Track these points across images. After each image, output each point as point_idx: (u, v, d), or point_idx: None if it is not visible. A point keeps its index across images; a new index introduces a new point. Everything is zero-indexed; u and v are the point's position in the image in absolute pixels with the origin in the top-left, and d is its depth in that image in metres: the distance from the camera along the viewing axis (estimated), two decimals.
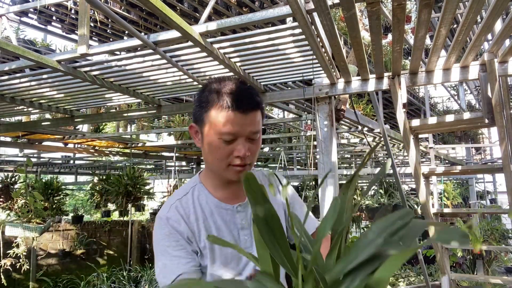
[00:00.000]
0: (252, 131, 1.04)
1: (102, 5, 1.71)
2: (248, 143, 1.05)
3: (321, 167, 2.69)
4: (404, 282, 7.08)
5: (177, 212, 1.11)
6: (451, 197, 6.95)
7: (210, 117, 1.02)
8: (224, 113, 1.00)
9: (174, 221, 1.10)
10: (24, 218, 4.24)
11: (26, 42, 3.94)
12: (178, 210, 1.12)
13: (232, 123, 1.00)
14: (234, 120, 1.00)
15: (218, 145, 1.03)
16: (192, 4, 3.56)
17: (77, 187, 13.13)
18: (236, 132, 1.01)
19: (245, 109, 1.01)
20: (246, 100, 1.03)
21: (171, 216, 1.11)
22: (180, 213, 1.11)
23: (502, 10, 1.63)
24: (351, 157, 8.77)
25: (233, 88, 1.03)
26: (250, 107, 1.02)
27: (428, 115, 5.90)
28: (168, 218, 1.10)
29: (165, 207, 1.15)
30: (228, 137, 1.01)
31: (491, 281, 4.78)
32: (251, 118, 1.03)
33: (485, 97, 2.33)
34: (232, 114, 1.00)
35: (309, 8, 1.70)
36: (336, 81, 2.68)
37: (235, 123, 1.00)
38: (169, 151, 7.07)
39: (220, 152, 1.04)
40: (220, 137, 1.01)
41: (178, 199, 1.15)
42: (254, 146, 1.07)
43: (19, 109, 3.64)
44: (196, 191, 1.17)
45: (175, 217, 1.10)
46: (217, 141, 1.02)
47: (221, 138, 1.01)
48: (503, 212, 3.55)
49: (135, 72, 2.63)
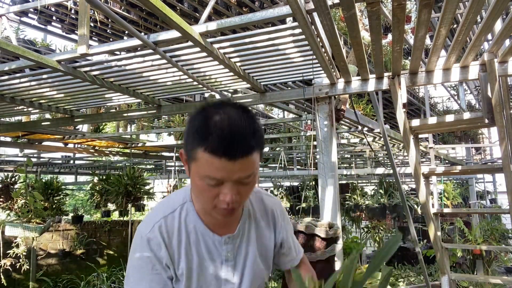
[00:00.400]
0: (242, 176, 0.92)
1: (102, 5, 1.71)
2: (238, 186, 0.94)
3: (321, 167, 2.69)
4: (404, 282, 7.08)
5: (159, 234, 1.05)
6: (451, 197, 6.96)
7: (197, 155, 0.90)
8: (209, 156, 0.87)
9: (154, 244, 1.04)
10: (24, 218, 4.24)
11: (26, 42, 3.93)
12: (161, 231, 1.05)
13: (217, 169, 0.88)
14: (219, 166, 0.88)
15: (203, 187, 0.94)
16: (192, 4, 3.56)
17: (77, 187, 13.13)
18: (222, 178, 0.90)
19: (234, 155, 0.87)
20: (236, 146, 0.88)
21: (153, 238, 1.04)
22: (163, 236, 1.05)
23: (502, 10, 1.63)
24: (351, 157, 8.78)
25: (226, 127, 0.88)
26: (240, 154, 0.88)
27: (428, 115, 5.90)
28: (149, 240, 1.04)
29: (149, 224, 1.07)
30: (213, 182, 0.91)
31: (491, 281, 4.78)
32: (241, 164, 0.89)
33: (485, 97, 2.33)
34: (217, 160, 0.87)
35: (309, 8, 1.70)
36: (336, 81, 2.68)
37: (221, 169, 0.88)
38: (169, 151, 7.08)
39: (205, 194, 0.95)
40: (204, 180, 0.92)
41: (164, 216, 1.08)
42: (245, 189, 0.97)
43: (19, 109, 3.64)
44: (184, 210, 1.09)
45: (156, 240, 1.04)
46: (202, 183, 0.93)
47: (204, 181, 0.92)
48: (503, 212, 3.55)
49: (135, 72, 2.63)
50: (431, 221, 2.97)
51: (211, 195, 0.95)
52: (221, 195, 0.94)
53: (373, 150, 6.00)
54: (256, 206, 1.18)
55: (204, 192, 0.95)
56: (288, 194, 6.05)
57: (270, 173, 8.65)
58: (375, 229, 6.26)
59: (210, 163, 0.88)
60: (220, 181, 0.91)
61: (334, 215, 2.64)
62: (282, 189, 6.29)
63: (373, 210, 5.79)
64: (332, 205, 2.64)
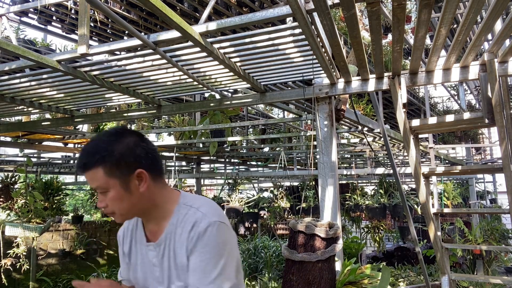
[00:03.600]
0: (93, 187, 1.18)
1: (102, 5, 1.71)
2: (101, 195, 1.18)
3: (321, 167, 2.69)
4: (404, 282, 7.08)
5: (124, 224, 1.35)
6: (451, 197, 6.95)
7: None
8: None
9: (121, 229, 1.35)
10: (24, 218, 4.24)
11: (26, 42, 3.93)
12: (125, 224, 1.36)
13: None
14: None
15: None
16: (192, 4, 3.56)
17: (77, 187, 13.12)
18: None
19: (77, 169, 1.19)
20: (79, 162, 1.18)
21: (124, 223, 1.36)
22: (124, 226, 1.34)
23: (502, 10, 1.64)
24: (351, 157, 8.77)
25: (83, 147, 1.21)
26: (80, 169, 1.17)
27: (428, 115, 5.90)
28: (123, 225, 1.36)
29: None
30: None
31: (491, 281, 4.78)
32: (88, 176, 1.16)
33: (485, 97, 2.33)
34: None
35: (309, 8, 1.70)
36: (336, 81, 2.68)
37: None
38: (169, 151, 7.07)
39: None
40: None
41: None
42: (108, 199, 1.17)
43: (19, 109, 3.63)
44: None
45: (124, 226, 1.35)
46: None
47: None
48: (503, 212, 3.55)
49: (135, 72, 2.63)
50: (431, 221, 2.97)
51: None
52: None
53: (373, 150, 6.00)
54: (181, 219, 1.23)
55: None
56: (288, 194, 6.05)
57: (270, 173, 8.65)
58: (375, 229, 6.26)
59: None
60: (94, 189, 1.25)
61: (334, 215, 2.64)
62: (282, 189, 6.29)
63: (373, 210, 5.78)
64: (332, 205, 2.64)
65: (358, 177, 7.45)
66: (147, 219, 1.29)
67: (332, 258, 2.00)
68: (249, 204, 5.96)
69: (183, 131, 5.48)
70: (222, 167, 9.32)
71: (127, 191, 1.17)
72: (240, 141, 6.60)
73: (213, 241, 1.15)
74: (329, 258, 1.95)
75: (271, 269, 8.20)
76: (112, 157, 1.15)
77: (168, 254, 1.21)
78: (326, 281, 1.90)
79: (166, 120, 7.26)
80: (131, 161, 1.17)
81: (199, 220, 1.17)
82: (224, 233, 1.18)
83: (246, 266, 8.69)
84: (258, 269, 8.73)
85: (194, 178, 8.06)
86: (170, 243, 1.22)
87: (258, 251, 9.30)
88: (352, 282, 2.21)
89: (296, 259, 1.93)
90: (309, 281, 1.89)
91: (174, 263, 1.20)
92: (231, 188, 6.52)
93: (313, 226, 1.98)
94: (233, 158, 7.73)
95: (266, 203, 5.92)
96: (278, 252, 8.93)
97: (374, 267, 2.44)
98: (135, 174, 1.17)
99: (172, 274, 1.21)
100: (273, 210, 5.74)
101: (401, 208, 5.62)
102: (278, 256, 8.76)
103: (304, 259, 1.91)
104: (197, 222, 1.17)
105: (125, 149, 1.17)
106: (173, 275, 1.21)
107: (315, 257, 1.90)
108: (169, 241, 1.22)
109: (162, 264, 1.23)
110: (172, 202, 1.26)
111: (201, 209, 1.21)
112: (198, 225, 1.16)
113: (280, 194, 5.83)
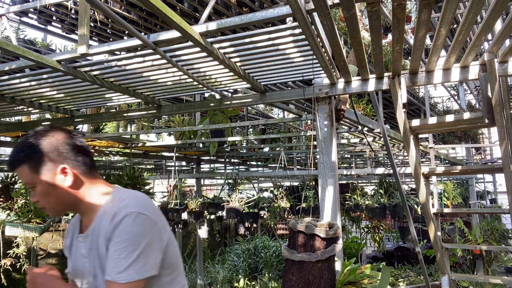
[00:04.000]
0: (23, 183, 1.30)
1: (102, 5, 1.71)
2: (32, 191, 1.27)
3: (321, 167, 2.69)
4: (404, 282, 7.08)
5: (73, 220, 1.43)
6: (451, 197, 6.95)
7: None
8: None
9: (69, 225, 1.44)
10: (24, 218, 4.24)
11: (26, 42, 3.93)
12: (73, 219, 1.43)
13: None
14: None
15: None
16: (192, 4, 3.56)
17: None
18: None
19: (8, 168, 1.37)
20: (7, 161, 1.30)
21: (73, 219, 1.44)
22: (72, 221, 1.42)
23: (502, 10, 1.64)
24: (351, 157, 8.77)
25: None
26: (9, 168, 1.28)
27: (428, 115, 5.90)
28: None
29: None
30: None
31: (491, 281, 4.78)
32: (17, 173, 1.26)
33: (485, 97, 2.33)
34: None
35: (309, 8, 1.70)
36: (336, 81, 2.68)
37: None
38: (169, 151, 7.07)
39: None
40: None
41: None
42: (38, 195, 1.25)
43: (19, 109, 3.63)
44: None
45: (71, 221, 1.43)
46: None
47: None
48: (503, 212, 3.55)
49: (135, 72, 2.63)
50: (431, 221, 2.97)
51: None
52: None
53: (373, 150, 6.00)
54: (107, 211, 1.26)
55: None
56: (288, 194, 6.05)
57: (270, 173, 8.65)
58: (375, 229, 6.25)
59: None
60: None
61: (334, 215, 2.64)
62: (282, 189, 6.29)
63: (373, 210, 5.78)
64: (332, 205, 2.64)
65: (358, 177, 7.45)
66: (81, 213, 1.36)
67: (332, 258, 2.00)
68: (249, 204, 5.95)
69: (183, 131, 5.48)
70: (222, 167, 9.32)
71: (53, 187, 1.24)
72: (240, 141, 6.60)
73: (128, 231, 1.16)
74: (329, 258, 1.95)
75: (271, 269, 8.20)
76: (36, 154, 1.23)
77: (95, 245, 1.25)
78: (326, 281, 1.91)
79: (166, 120, 7.25)
80: (55, 157, 1.25)
81: (118, 211, 1.20)
82: (142, 224, 1.18)
83: (246, 266, 8.70)
84: (258, 269, 8.73)
85: (194, 178, 8.06)
86: (95, 234, 1.25)
87: (258, 251, 9.30)
88: (352, 282, 2.21)
89: (296, 259, 1.93)
90: (309, 281, 1.89)
91: (98, 254, 1.24)
92: (231, 188, 6.52)
93: (313, 226, 1.98)
94: (233, 158, 7.73)
95: (266, 203, 5.92)
96: (278, 252, 8.93)
97: (374, 267, 2.44)
98: (58, 169, 1.25)
99: (97, 265, 1.24)
100: (273, 210, 5.74)
101: (401, 208, 5.62)
102: (278, 256, 8.77)
103: (304, 259, 1.91)
104: (117, 213, 1.20)
105: (48, 146, 1.25)
106: (97, 266, 1.24)
107: (315, 257, 1.90)
108: (96, 232, 1.25)
109: (90, 256, 1.27)
110: (102, 196, 1.31)
111: (125, 201, 1.25)
112: (117, 216, 1.19)
113: (280, 194, 5.83)
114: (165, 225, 1.30)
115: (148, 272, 1.17)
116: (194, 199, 6.35)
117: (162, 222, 1.28)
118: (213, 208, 6.57)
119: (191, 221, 6.43)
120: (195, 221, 6.30)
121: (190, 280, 8.57)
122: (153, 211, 1.26)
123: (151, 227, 1.21)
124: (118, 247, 1.16)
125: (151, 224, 1.21)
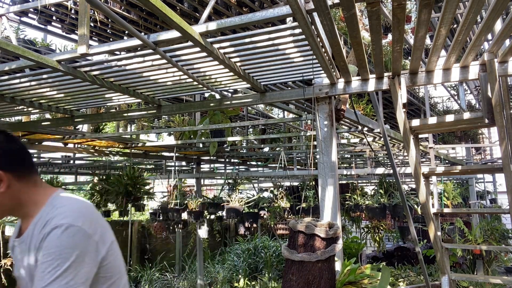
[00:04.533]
0: None
1: (102, 5, 1.71)
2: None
3: (321, 167, 2.69)
4: (404, 282, 7.08)
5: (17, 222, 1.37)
6: (451, 197, 6.95)
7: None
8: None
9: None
10: None
11: (26, 42, 3.93)
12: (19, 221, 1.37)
13: None
14: None
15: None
16: (192, 4, 3.56)
17: (77, 187, 13.13)
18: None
19: None
20: None
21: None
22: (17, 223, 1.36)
23: (502, 10, 1.64)
24: (351, 157, 8.77)
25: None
26: None
27: (428, 115, 5.90)
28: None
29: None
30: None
31: (491, 281, 4.78)
32: None
33: (485, 97, 2.33)
34: None
35: (309, 8, 1.70)
36: (336, 81, 2.68)
37: None
38: (169, 151, 7.07)
39: None
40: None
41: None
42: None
43: (19, 109, 3.63)
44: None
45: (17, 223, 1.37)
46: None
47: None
48: (503, 212, 3.55)
49: (135, 72, 2.63)
50: (431, 221, 2.97)
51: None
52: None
53: (373, 150, 6.00)
54: (43, 217, 1.21)
55: None
56: (288, 194, 6.05)
57: (270, 173, 8.65)
58: (375, 229, 6.25)
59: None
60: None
61: (334, 215, 2.64)
62: (282, 189, 6.29)
63: (373, 210, 5.78)
64: (332, 205, 2.64)
65: (358, 177, 7.45)
66: (20, 217, 1.31)
67: (332, 258, 2.00)
68: (249, 204, 5.95)
69: (183, 131, 5.48)
70: (222, 167, 9.32)
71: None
72: (240, 141, 6.60)
73: (55, 244, 1.11)
74: (329, 258, 1.95)
75: (271, 269, 8.20)
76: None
77: (27, 253, 1.21)
78: (326, 281, 1.90)
79: (166, 120, 7.25)
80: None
81: (50, 220, 1.16)
82: (72, 237, 1.13)
83: (246, 266, 8.70)
84: (258, 269, 8.74)
85: (194, 178, 8.06)
86: (28, 242, 1.22)
87: (258, 251, 9.31)
88: (352, 282, 2.21)
89: (296, 259, 1.93)
90: (309, 281, 1.89)
91: (27, 263, 1.21)
92: (231, 188, 6.52)
93: (313, 226, 1.98)
94: (233, 158, 7.73)
95: (266, 203, 5.92)
96: (278, 252, 8.94)
97: (374, 267, 2.44)
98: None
99: (28, 274, 1.22)
100: (273, 210, 5.74)
101: (401, 208, 5.62)
102: (278, 256, 8.77)
103: (304, 259, 1.91)
104: (48, 222, 1.16)
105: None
106: (28, 274, 1.22)
107: (315, 257, 1.90)
108: (28, 240, 1.21)
109: (24, 262, 1.23)
110: (41, 201, 1.26)
111: (59, 209, 1.20)
112: (48, 225, 1.15)
113: (280, 194, 5.83)
114: (104, 235, 1.23)
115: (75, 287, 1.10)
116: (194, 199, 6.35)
117: (100, 233, 1.21)
118: (213, 208, 6.57)
119: (191, 221, 6.43)
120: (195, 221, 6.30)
121: (190, 280, 8.57)
122: (89, 222, 1.19)
123: (84, 240, 1.15)
124: (45, 259, 1.11)
125: (83, 236, 1.15)
